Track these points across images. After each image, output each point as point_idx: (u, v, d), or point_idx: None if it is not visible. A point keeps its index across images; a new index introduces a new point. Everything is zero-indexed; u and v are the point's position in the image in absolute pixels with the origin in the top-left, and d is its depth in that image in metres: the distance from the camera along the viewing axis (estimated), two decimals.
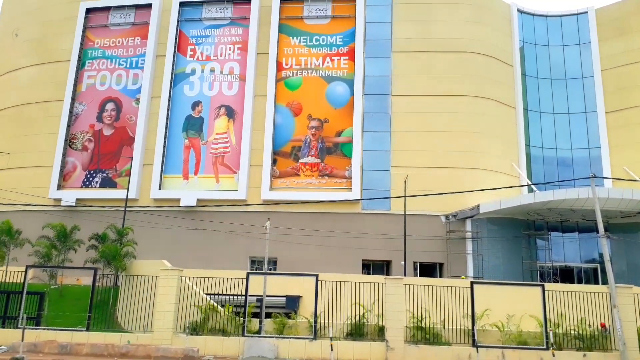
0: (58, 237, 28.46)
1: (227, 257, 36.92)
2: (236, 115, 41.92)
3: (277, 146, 41.03)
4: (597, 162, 41.45)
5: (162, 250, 34.14)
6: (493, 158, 40.24)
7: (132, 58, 44.64)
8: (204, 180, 40.96)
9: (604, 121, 42.39)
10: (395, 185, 38.60)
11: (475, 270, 36.50)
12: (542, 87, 44.39)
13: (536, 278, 37.88)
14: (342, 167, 40.11)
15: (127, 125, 43.06)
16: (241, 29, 43.75)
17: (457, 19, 42.19)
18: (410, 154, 39.47)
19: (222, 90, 42.76)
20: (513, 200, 35.80)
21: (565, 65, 44.91)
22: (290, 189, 39.90)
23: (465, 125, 40.10)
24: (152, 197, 40.32)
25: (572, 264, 39.33)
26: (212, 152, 41.48)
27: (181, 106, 42.79)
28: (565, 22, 46.10)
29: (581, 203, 33.56)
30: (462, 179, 38.12)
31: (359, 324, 20.01)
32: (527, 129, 42.92)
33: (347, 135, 40.52)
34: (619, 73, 42.87)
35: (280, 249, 35.35)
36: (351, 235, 36.78)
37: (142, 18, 44.99)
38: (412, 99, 40.79)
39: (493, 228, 37.69)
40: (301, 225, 37.20)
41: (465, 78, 41.11)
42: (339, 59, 42.26)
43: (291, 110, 41.78)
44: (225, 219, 37.75)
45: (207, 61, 43.63)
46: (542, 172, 42.32)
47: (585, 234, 38.97)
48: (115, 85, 44.26)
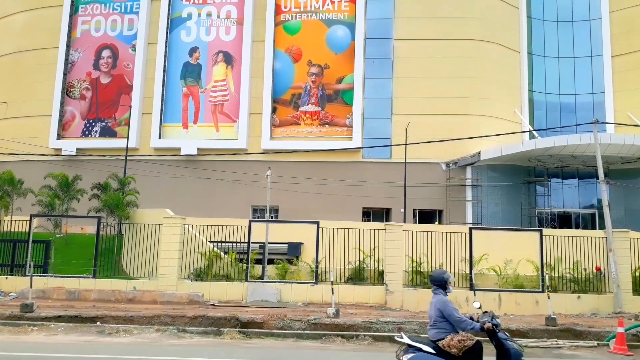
0: (60, 187, 28.63)
1: (229, 206, 37.24)
2: (234, 61, 41.08)
3: (276, 94, 40.47)
4: (601, 107, 40.93)
5: (164, 200, 34.38)
6: (495, 104, 39.74)
7: (126, 2, 43.26)
8: (204, 129, 40.71)
9: (610, 65, 41.50)
10: (396, 133, 38.34)
11: (474, 216, 36.92)
12: (548, 30, 43.16)
13: (535, 224, 38.35)
14: (343, 115, 39.72)
15: (124, 72, 42.33)
16: None
17: None
18: (412, 100, 38.96)
19: (220, 36, 41.70)
20: (514, 146, 35.66)
21: (572, 7, 43.48)
22: (291, 138, 39.72)
23: (468, 71, 39.34)
24: (153, 147, 40.24)
25: (571, 209, 39.69)
26: (211, 100, 40.97)
27: (178, 53, 41.88)
28: None
29: (582, 149, 33.45)
30: (463, 125, 37.77)
31: (359, 269, 20.48)
32: (531, 74, 42.10)
33: (348, 82, 39.88)
34: (628, 15, 41.54)
35: (282, 198, 35.61)
36: (352, 183, 36.93)
37: None
38: (414, 43, 39.81)
39: (493, 175, 37.79)
40: (302, 174, 37.26)
41: (470, 21, 39.93)
42: (339, 1, 40.93)
43: (290, 56, 40.90)
44: (226, 168, 37.81)
45: (203, 5, 42.29)
46: (545, 118, 41.89)
47: (585, 180, 39.11)
48: (110, 31, 43.15)
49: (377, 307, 18.07)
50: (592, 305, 18.76)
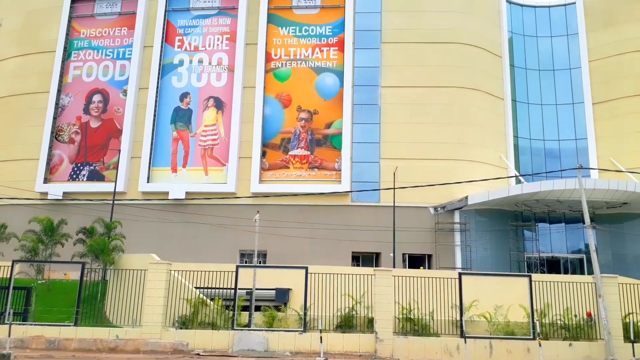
0: (45, 231, 28.17)
1: (217, 250, 36.84)
2: (225, 106, 41.63)
3: (266, 138, 40.87)
4: (584, 153, 41.81)
5: (150, 244, 33.91)
6: (481, 149, 40.42)
7: (119, 49, 44.06)
8: (193, 172, 40.73)
9: (591, 112, 42.68)
10: (384, 177, 38.66)
11: (463, 261, 36.82)
12: (530, 78, 44.58)
13: (524, 269, 38.28)
14: (332, 159, 40.08)
15: (114, 117, 42.61)
16: (229, 19, 43.31)
17: (446, 10, 42.11)
18: (400, 145, 39.51)
19: (211, 82, 42.42)
20: (501, 191, 36.05)
21: (553, 56, 45.10)
22: (280, 182, 39.85)
23: (454, 117, 40.21)
24: (141, 190, 40.04)
25: (559, 254, 39.79)
26: (201, 144, 41.21)
27: (169, 98, 42.40)
28: (554, 13, 46.22)
29: (568, 194, 33.90)
30: (450, 170, 38.27)
31: (348, 316, 20.12)
32: (515, 120, 43.12)
33: (337, 127, 40.46)
34: (607, 64, 43.13)
35: (270, 242, 35.32)
36: (341, 227, 36.84)
37: (129, 8, 44.35)
38: (401, 90, 40.75)
39: (481, 219, 37.99)
40: (291, 217, 37.20)
41: (455, 69, 41.14)
42: (328, 50, 42.06)
43: (280, 102, 41.59)
44: (214, 212, 37.60)
45: (195, 52, 43.19)
46: (530, 163, 42.61)
47: (572, 225, 39.41)
48: (102, 77, 43.70)
49: (366, 355, 17.69)
50: (584, 352, 18.54)
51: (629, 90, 41.62)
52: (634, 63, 42.14)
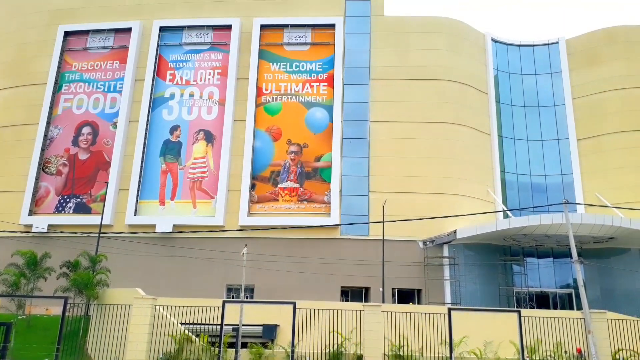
0: (28, 265, 27.57)
1: (203, 285, 36.31)
2: (215, 139, 41.80)
3: (256, 171, 40.94)
4: (570, 188, 42.35)
5: (136, 278, 33.36)
6: (469, 184, 40.79)
7: (110, 82, 44.37)
8: (181, 205, 40.47)
9: (576, 148, 43.48)
10: (373, 211, 38.71)
11: (453, 296, 36.57)
12: (516, 114, 45.50)
13: (513, 304, 38.10)
14: (321, 192, 40.14)
15: (103, 149, 42.52)
16: (221, 54, 44.00)
17: (433, 48, 43.22)
18: (389, 179, 39.78)
19: (202, 115, 42.70)
20: (489, 225, 36.21)
21: (538, 93, 46.18)
22: (269, 214, 39.70)
23: (442, 152, 40.71)
24: (127, 223, 39.59)
25: (548, 289, 39.74)
26: (190, 177, 41.13)
27: (159, 130, 42.52)
28: (537, 52, 47.60)
29: (555, 228, 34.12)
30: (439, 204, 38.47)
31: (337, 353, 19.80)
32: (502, 155, 43.76)
33: (326, 160, 40.71)
34: (590, 101, 44.24)
35: (258, 276, 34.94)
36: (330, 261, 36.58)
37: (122, 42, 44.93)
38: (390, 125, 41.31)
39: (470, 254, 37.98)
40: (279, 251, 36.92)
41: (442, 105, 41.89)
42: (318, 85, 42.72)
43: (270, 135, 41.88)
44: (201, 246, 37.21)
45: (186, 85, 43.62)
46: (517, 197, 43.03)
47: (560, 260, 39.54)
48: (92, 109, 43.82)
49: None
50: None
51: (612, 127, 42.60)
52: (615, 101, 43.30)
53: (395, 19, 44.35)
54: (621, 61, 44.35)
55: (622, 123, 42.53)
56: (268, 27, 44.17)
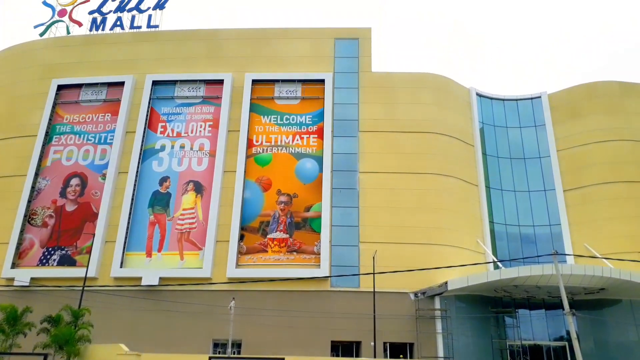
0: (7, 320, 26.74)
1: (189, 340, 35.25)
2: (204, 190, 41.79)
3: (245, 221, 40.73)
4: (559, 238, 42.53)
5: (120, 333, 32.39)
6: (459, 234, 40.85)
7: (101, 134, 44.69)
8: (168, 257, 39.83)
9: (562, 199, 44.04)
10: (364, 262, 38.41)
11: (445, 349, 35.72)
12: (502, 166, 46.30)
13: (506, 357, 37.30)
14: (311, 242, 39.88)
15: (91, 200, 42.22)
16: (213, 107, 44.76)
17: (419, 102, 44.43)
18: (379, 229, 39.74)
19: (192, 166, 42.87)
20: (480, 276, 35.96)
21: (523, 146, 47.21)
22: (257, 266, 39.17)
23: (431, 202, 40.99)
24: (113, 276, 38.73)
25: (541, 342, 39.04)
26: (178, 228, 40.74)
27: (148, 181, 42.48)
28: (521, 106, 49.06)
29: (546, 279, 33.97)
30: (429, 255, 38.32)
31: None
32: (490, 206, 44.15)
33: (316, 210, 40.71)
34: (574, 153, 45.25)
35: (246, 330, 34.05)
36: (320, 314, 35.86)
37: (114, 95, 45.63)
38: (379, 176, 41.74)
39: (461, 305, 37.49)
40: (268, 304, 36.17)
41: (430, 157, 42.58)
42: (308, 137, 43.36)
43: (260, 186, 42.00)
44: (188, 299, 36.39)
45: (177, 138, 44.03)
46: (507, 248, 43.03)
47: (552, 311, 39.12)
48: (82, 161, 43.85)
49: None
50: None
51: (597, 179, 43.40)
52: (598, 153, 44.36)
53: (382, 74, 45.79)
54: (601, 115, 45.80)
55: (605, 175, 43.38)
56: (259, 82, 45.26)
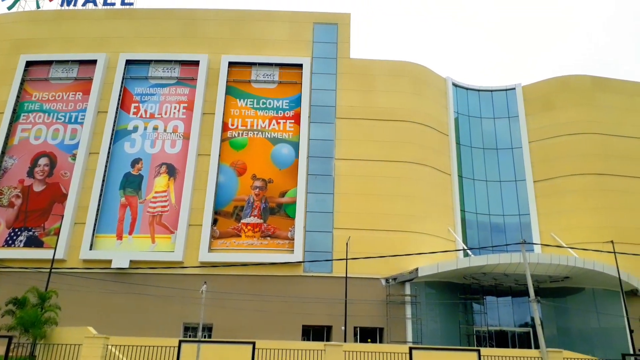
0: None
1: (160, 324, 35.02)
2: (177, 173, 41.25)
3: (218, 205, 40.43)
4: (527, 228, 43.60)
5: (88, 317, 31.95)
6: (430, 222, 41.45)
7: (71, 113, 43.50)
8: (139, 240, 39.33)
9: (532, 189, 45.08)
10: (337, 248, 38.64)
11: (414, 335, 36.43)
12: (475, 155, 47.03)
13: (473, 342, 38.26)
14: (285, 228, 39.90)
15: (60, 181, 41.23)
16: (187, 89, 44.01)
17: (396, 90, 44.57)
18: (353, 216, 40.00)
19: (165, 148, 42.19)
20: (450, 264, 36.65)
21: (496, 136, 48.00)
22: (230, 250, 39.03)
23: (405, 190, 41.39)
24: (82, 258, 38.06)
25: (507, 328, 40.18)
26: (150, 211, 40.19)
27: (120, 163, 41.68)
28: (496, 97, 49.77)
29: (513, 268, 34.85)
30: (401, 242, 38.82)
31: None
32: (462, 195, 44.89)
33: (291, 196, 40.67)
34: (545, 145, 46.23)
35: (217, 315, 34.00)
36: (292, 299, 36.04)
37: (86, 73, 44.39)
38: (354, 163, 41.88)
39: (431, 292, 38.21)
40: (240, 288, 36.13)
41: (405, 145, 42.89)
42: (284, 122, 43.12)
43: (235, 170, 41.68)
44: (159, 283, 36.07)
45: (150, 119, 43.20)
46: (477, 236, 43.94)
47: (519, 298, 40.23)
48: (51, 140, 42.67)
49: None
50: None
51: (567, 170, 44.50)
52: (569, 145, 45.42)
53: (360, 61, 45.71)
54: (573, 108, 46.82)
55: (575, 166, 44.51)
56: (236, 64, 44.65)
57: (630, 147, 45.24)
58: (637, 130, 46.00)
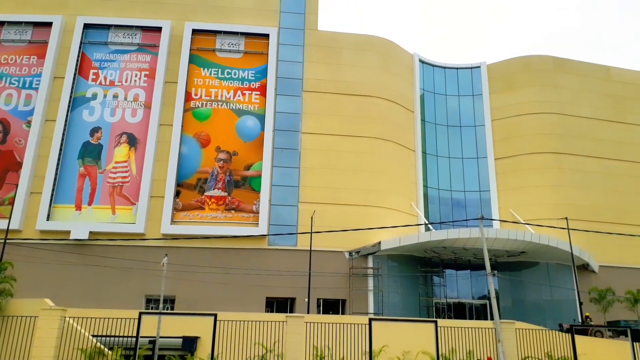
0: None
1: (121, 296, 34.54)
2: (139, 143, 40.16)
3: (181, 177, 39.73)
4: (487, 204, 44.84)
5: (46, 289, 31.20)
6: (394, 197, 42.02)
7: (25, 77, 41.45)
8: (99, 211, 38.36)
9: (493, 166, 46.23)
10: (302, 221, 38.78)
11: (376, 306, 37.28)
12: (439, 132, 47.69)
13: (433, 314, 39.49)
14: (250, 201, 39.66)
15: (14, 149, 39.52)
16: (149, 56, 42.53)
17: (364, 65, 44.36)
18: (318, 190, 40.10)
19: (125, 117, 40.89)
20: (411, 237, 37.42)
21: (460, 114, 48.72)
22: (194, 223, 38.59)
23: (369, 165, 41.68)
24: (39, 229, 36.90)
25: (465, 300, 41.61)
26: (110, 181, 39.14)
27: (78, 132, 40.19)
28: (461, 74, 50.28)
29: (472, 242, 35.90)
30: (365, 216, 39.26)
31: None
32: (425, 171, 45.61)
33: (256, 170, 40.34)
34: (507, 123, 47.26)
35: (180, 287, 33.81)
36: (256, 272, 36.10)
37: (41, 36, 42.21)
38: (320, 137, 41.76)
39: (393, 265, 39.01)
40: (203, 261, 35.90)
41: (370, 120, 42.99)
42: (250, 94, 42.39)
43: (199, 142, 40.91)
44: (120, 254, 35.38)
45: (110, 86, 41.66)
46: (438, 212, 44.93)
47: (477, 272, 41.59)
48: (3, 106, 40.66)
49: None
50: None
51: (527, 148, 45.73)
52: (529, 123, 46.58)
53: (328, 34, 45.13)
54: (535, 87, 47.86)
55: (535, 145, 45.76)
56: (200, 32, 43.34)
57: (585, 126, 46.80)
58: (592, 111, 47.56)
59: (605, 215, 43.57)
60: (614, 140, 46.88)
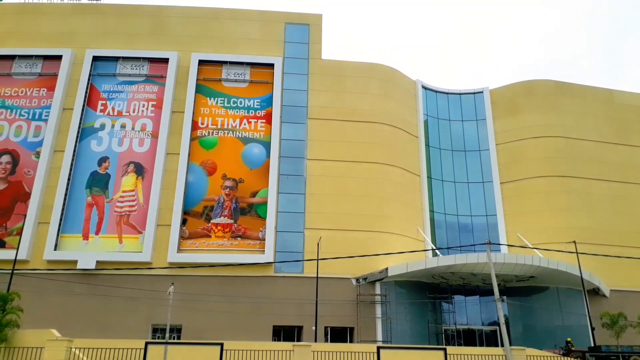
0: None
1: (128, 325, 34.34)
2: (146, 172, 40.52)
3: (188, 205, 39.92)
4: (494, 228, 44.60)
5: (52, 319, 31.04)
6: (400, 222, 41.93)
7: (35, 109, 42.21)
8: (106, 240, 38.46)
9: (499, 191, 46.16)
10: (308, 248, 38.66)
11: (384, 334, 36.80)
12: (444, 157, 47.88)
13: (442, 341, 38.88)
14: (256, 228, 39.69)
15: (23, 179, 39.97)
16: (156, 86, 43.29)
17: (367, 92, 44.93)
18: (324, 216, 40.11)
19: (133, 147, 41.39)
20: (419, 263, 37.16)
21: (464, 138, 48.95)
22: (200, 251, 38.58)
23: (375, 190, 41.75)
24: (46, 259, 36.97)
25: (474, 326, 41.00)
26: (117, 210, 39.36)
27: (86, 161, 40.66)
28: (464, 100, 50.73)
29: (480, 267, 35.58)
30: (371, 241, 39.13)
31: None
32: (431, 195, 45.61)
33: (262, 196, 40.48)
34: (511, 147, 47.39)
35: (186, 316, 33.61)
36: (263, 300, 35.88)
37: (50, 69, 43.14)
38: (326, 164, 42.00)
39: (401, 291, 38.66)
40: (210, 289, 35.76)
41: (375, 146, 43.27)
42: (256, 122, 42.89)
43: (205, 170, 41.23)
44: (127, 284, 35.34)
45: (118, 117, 42.32)
46: (445, 236, 44.71)
47: (486, 297, 41.09)
48: (13, 137, 41.30)
49: None
50: None
51: (532, 172, 45.74)
52: (534, 147, 46.70)
53: (332, 62, 45.87)
54: (538, 111, 48.14)
55: (540, 169, 45.77)
56: (206, 63, 44.19)
57: (590, 149, 46.82)
58: (596, 134, 47.67)
59: (613, 238, 43.18)
60: (619, 162, 46.85)
